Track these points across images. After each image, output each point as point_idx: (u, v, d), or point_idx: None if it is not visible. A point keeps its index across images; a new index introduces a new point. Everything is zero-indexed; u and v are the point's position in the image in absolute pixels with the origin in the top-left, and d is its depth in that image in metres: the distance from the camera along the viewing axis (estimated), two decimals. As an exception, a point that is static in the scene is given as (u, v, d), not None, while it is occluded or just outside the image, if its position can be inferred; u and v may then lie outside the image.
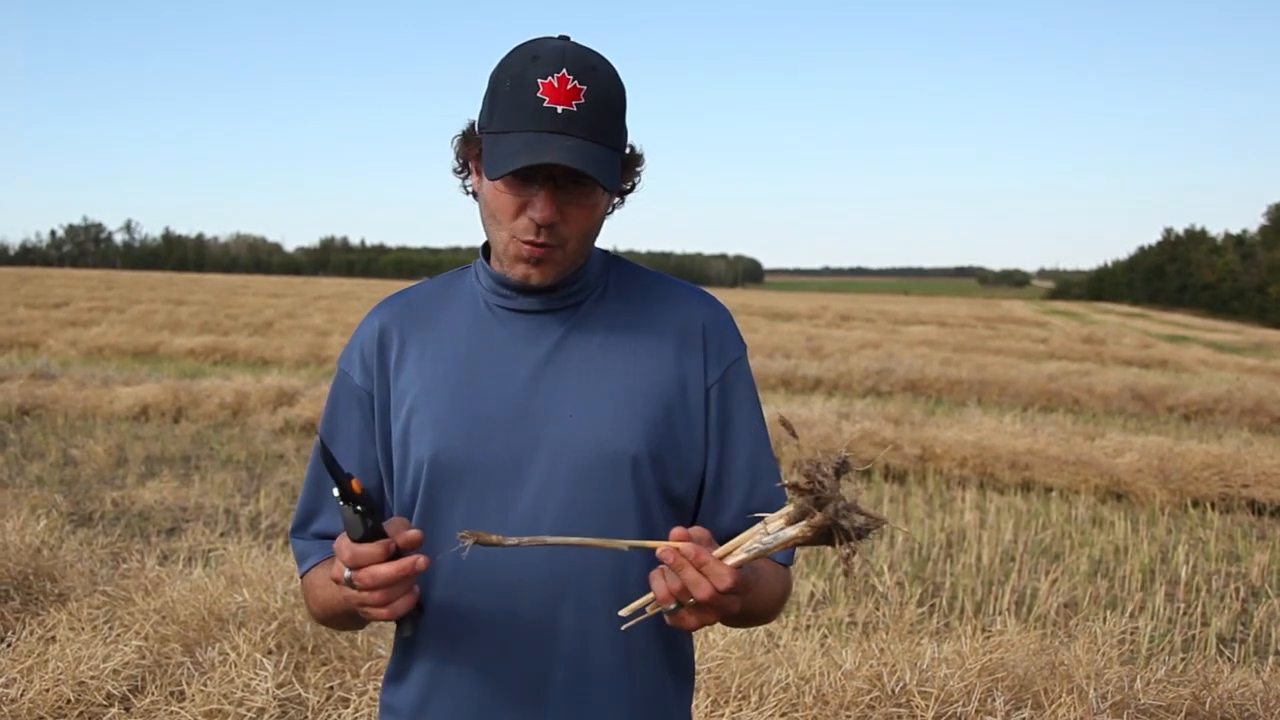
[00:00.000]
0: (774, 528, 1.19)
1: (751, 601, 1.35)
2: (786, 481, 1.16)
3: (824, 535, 1.16)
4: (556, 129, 1.30)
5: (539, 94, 1.30)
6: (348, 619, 1.42)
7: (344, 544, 1.22)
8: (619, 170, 1.37)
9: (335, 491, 1.19)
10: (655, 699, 1.44)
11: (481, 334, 1.44)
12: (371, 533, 1.21)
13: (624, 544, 1.25)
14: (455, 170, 1.45)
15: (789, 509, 1.17)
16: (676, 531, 1.21)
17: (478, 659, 1.38)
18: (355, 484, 1.20)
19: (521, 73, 1.32)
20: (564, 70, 1.31)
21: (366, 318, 1.51)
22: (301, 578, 1.52)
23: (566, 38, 1.37)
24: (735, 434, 1.44)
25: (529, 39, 1.38)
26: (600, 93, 1.33)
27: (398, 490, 1.45)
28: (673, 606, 1.21)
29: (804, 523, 1.16)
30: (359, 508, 1.20)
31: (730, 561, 1.19)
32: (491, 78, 1.36)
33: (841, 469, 1.13)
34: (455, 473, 1.39)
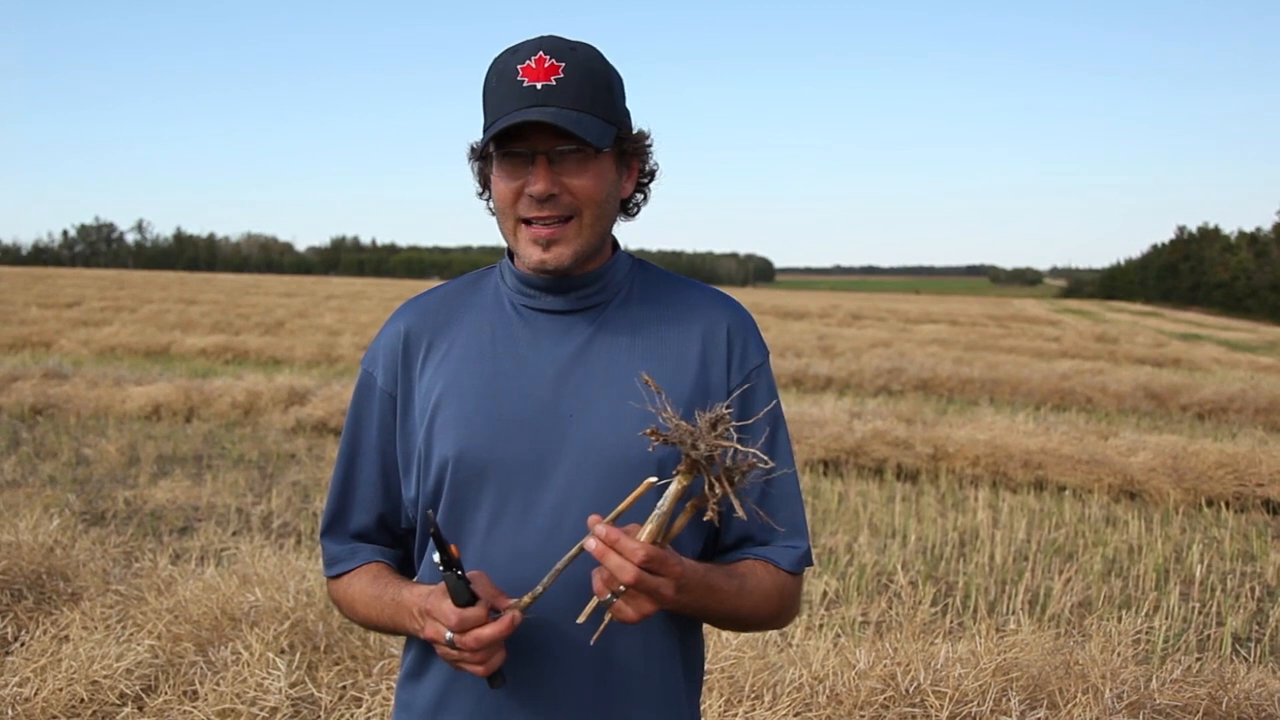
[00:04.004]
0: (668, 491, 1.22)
1: (734, 600, 1.37)
2: (647, 430, 1.20)
3: (699, 481, 1.20)
4: (536, 102, 1.33)
5: (519, 77, 1.34)
6: (390, 631, 1.46)
7: (447, 608, 1.25)
8: (610, 135, 1.38)
9: (436, 557, 1.24)
10: (671, 697, 1.45)
11: (506, 334, 1.45)
12: (472, 596, 1.25)
13: (573, 551, 1.27)
14: (477, 193, 1.47)
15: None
16: (592, 518, 1.22)
17: None
18: (454, 550, 1.24)
19: (504, 67, 1.37)
20: (540, 52, 1.36)
21: (390, 320, 1.52)
22: (330, 578, 1.53)
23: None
24: (753, 437, 1.43)
25: None
26: (580, 68, 1.36)
27: (421, 487, 1.45)
28: (608, 597, 1.23)
29: (678, 470, 1.20)
30: (460, 573, 1.24)
31: (641, 537, 1.21)
32: (482, 85, 1.40)
33: (716, 421, 1.18)
34: (479, 471, 1.39)
